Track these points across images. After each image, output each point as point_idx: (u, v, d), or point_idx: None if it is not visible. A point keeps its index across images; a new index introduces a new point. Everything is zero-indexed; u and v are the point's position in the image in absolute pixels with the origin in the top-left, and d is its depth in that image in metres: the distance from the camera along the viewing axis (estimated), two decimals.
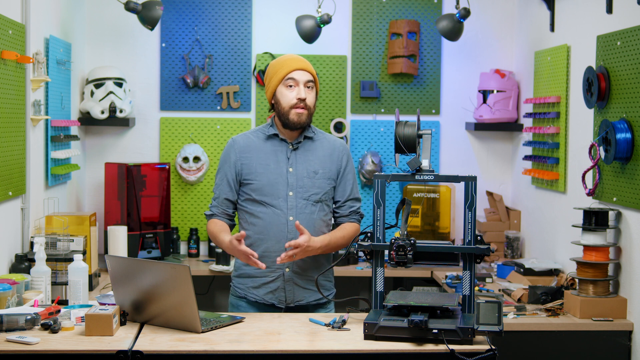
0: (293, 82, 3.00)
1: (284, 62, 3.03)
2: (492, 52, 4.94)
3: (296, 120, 3.00)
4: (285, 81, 3.01)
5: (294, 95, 2.99)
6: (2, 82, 3.22)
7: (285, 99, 3.00)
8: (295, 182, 3.02)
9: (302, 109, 2.99)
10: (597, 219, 3.43)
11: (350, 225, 3.07)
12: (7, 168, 3.29)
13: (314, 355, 2.48)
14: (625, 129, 3.31)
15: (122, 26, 4.77)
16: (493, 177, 4.96)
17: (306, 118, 3.01)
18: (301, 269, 3.02)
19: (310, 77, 3.02)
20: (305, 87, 3.01)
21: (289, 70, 3.00)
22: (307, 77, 3.01)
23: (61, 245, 3.45)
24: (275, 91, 3.03)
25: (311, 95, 3.03)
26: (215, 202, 3.10)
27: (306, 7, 4.72)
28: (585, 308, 3.37)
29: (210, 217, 3.10)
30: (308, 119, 3.03)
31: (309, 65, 3.05)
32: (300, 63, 3.03)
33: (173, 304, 2.60)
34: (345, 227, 3.07)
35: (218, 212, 3.08)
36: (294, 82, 3.00)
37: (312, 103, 3.03)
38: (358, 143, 4.90)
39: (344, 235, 3.03)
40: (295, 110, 2.99)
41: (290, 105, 3.00)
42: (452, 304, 2.57)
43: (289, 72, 3.00)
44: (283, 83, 3.01)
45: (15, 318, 2.58)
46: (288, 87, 3.01)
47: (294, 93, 2.99)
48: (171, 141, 4.83)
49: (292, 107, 2.99)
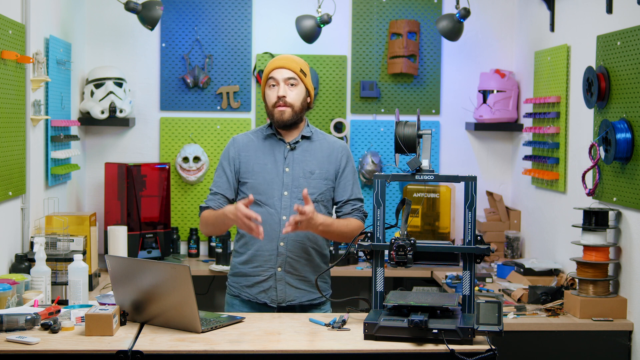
0: (273, 81, 3.03)
1: (269, 64, 3.08)
2: (492, 52, 4.94)
3: (279, 118, 3.02)
4: (268, 81, 3.05)
5: (274, 94, 3.02)
6: (2, 82, 3.23)
7: (268, 99, 3.05)
8: (291, 182, 3.02)
9: (282, 106, 3.01)
10: (597, 219, 3.43)
11: (355, 220, 3.06)
12: (7, 168, 3.29)
13: (314, 355, 2.48)
14: (625, 129, 3.31)
15: (122, 26, 4.77)
16: (493, 177, 4.96)
17: (289, 116, 3.02)
18: (293, 268, 3.01)
19: (290, 74, 3.02)
20: (286, 84, 3.01)
21: (269, 70, 3.05)
22: (286, 74, 3.02)
23: (61, 245, 3.45)
24: (264, 94, 3.08)
25: (293, 93, 3.02)
26: (211, 197, 3.07)
27: (306, 7, 4.72)
28: (585, 308, 3.37)
29: (205, 209, 3.07)
30: (292, 116, 3.02)
31: (290, 62, 3.04)
32: (281, 62, 3.04)
33: (173, 304, 2.60)
34: (349, 219, 3.05)
35: (214, 206, 3.04)
36: (274, 81, 3.03)
37: (294, 100, 3.02)
38: (358, 143, 4.90)
39: (347, 224, 3.01)
40: (277, 109, 3.02)
41: (272, 105, 3.03)
42: (452, 304, 2.57)
43: (269, 73, 3.05)
44: (267, 84, 3.06)
45: (15, 318, 2.58)
46: (270, 86, 3.05)
47: (275, 92, 3.02)
48: (171, 141, 4.83)
49: (274, 106, 3.02)
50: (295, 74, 3.02)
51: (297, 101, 3.02)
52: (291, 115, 3.02)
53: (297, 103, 3.02)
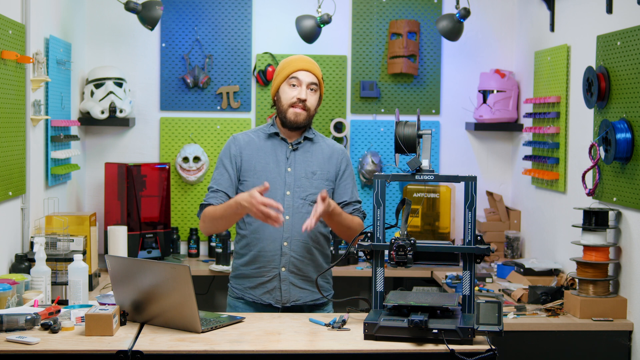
0: (296, 81, 3.01)
1: (292, 61, 3.05)
2: (492, 52, 4.94)
3: (293, 119, 3.00)
4: (290, 79, 3.02)
5: (295, 94, 3.00)
6: (2, 82, 3.22)
7: (286, 96, 3.02)
8: (293, 182, 3.02)
9: (300, 109, 3.00)
10: (597, 219, 3.43)
11: (357, 218, 3.06)
12: (7, 168, 3.29)
13: (314, 355, 2.48)
14: (625, 129, 3.31)
15: (122, 26, 4.77)
16: (493, 177, 4.96)
17: (304, 119, 3.01)
18: (297, 268, 3.01)
19: (314, 79, 3.02)
20: (308, 88, 3.01)
21: (294, 69, 3.01)
22: (311, 78, 3.02)
23: (61, 245, 3.45)
24: (279, 88, 3.04)
25: (313, 98, 3.03)
26: (212, 194, 3.01)
27: (306, 7, 4.72)
28: (585, 308, 3.37)
29: (206, 206, 3.00)
30: (306, 120, 3.02)
31: (316, 68, 3.05)
32: (307, 64, 3.03)
33: (173, 304, 2.60)
34: (353, 217, 3.05)
35: (216, 203, 2.99)
36: (297, 81, 3.01)
37: (312, 105, 3.03)
38: (358, 143, 4.90)
39: (352, 220, 3.01)
40: (294, 109, 3.00)
41: (289, 104, 3.00)
42: (452, 304, 2.57)
43: (294, 71, 3.01)
44: (287, 81, 3.02)
45: (15, 318, 2.58)
46: (291, 85, 3.02)
47: (295, 92, 3.00)
48: (171, 141, 4.83)
49: (290, 106, 3.00)
50: (318, 81, 3.04)
51: (314, 107, 3.04)
52: (306, 118, 3.02)
53: (313, 108, 3.04)
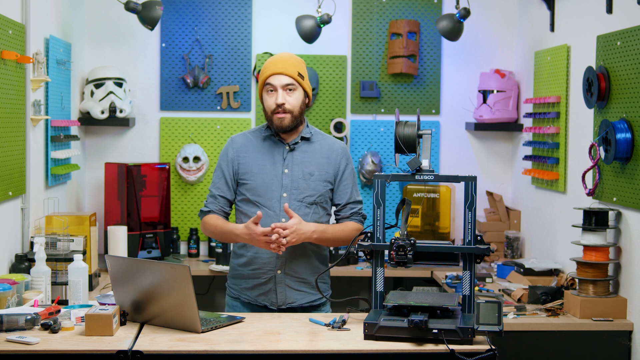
0: (271, 87, 2.99)
1: (265, 67, 3.02)
2: (492, 52, 4.94)
3: (278, 125, 3.00)
4: (265, 87, 3.01)
5: (273, 100, 2.98)
6: (2, 82, 3.22)
7: (266, 104, 3.01)
8: (290, 183, 3.01)
9: (282, 113, 2.98)
10: (597, 219, 3.43)
11: (352, 223, 3.06)
12: (7, 168, 3.29)
13: (314, 355, 2.48)
14: (625, 129, 3.31)
15: (122, 26, 4.77)
16: (493, 177, 4.96)
17: (289, 122, 2.99)
18: (293, 270, 3.01)
19: (289, 80, 2.97)
20: (284, 90, 2.97)
21: (267, 76, 3.00)
22: (285, 80, 2.97)
23: (61, 245, 3.45)
24: (262, 97, 3.04)
25: (292, 98, 2.98)
26: (211, 199, 3.07)
27: (306, 7, 4.72)
28: (585, 308, 3.37)
29: (206, 213, 3.07)
30: (292, 122, 3.00)
31: (288, 66, 2.99)
32: (278, 67, 2.98)
33: (173, 304, 2.60)
34: (346, 224, 3.06)
35: (215, 209, 3.05)
36: (272, 87, 2.99)
37: (293, 106, 2.99)
38: (358, 143, 4.90)
39: (343, 229, 3.02)
40: (276, 116, 2.99)
41: (271, 111, 3.00)
42: (452, 304, 2.57)
43: (266, 78, 3.00)
44: (264, 89, 3.02)
45: (15, 318, 2.58)
46: (268, 92, 3.00)
47: (273, 99, 2.99)
48: (171, 141, 4.83)
49: (273, 113, 2.99)
50: (293, 80, 2.98)
51: (296, 106, 3.00)
52: (291, 120, 3.00)
53: (296, 108, 3.00)
